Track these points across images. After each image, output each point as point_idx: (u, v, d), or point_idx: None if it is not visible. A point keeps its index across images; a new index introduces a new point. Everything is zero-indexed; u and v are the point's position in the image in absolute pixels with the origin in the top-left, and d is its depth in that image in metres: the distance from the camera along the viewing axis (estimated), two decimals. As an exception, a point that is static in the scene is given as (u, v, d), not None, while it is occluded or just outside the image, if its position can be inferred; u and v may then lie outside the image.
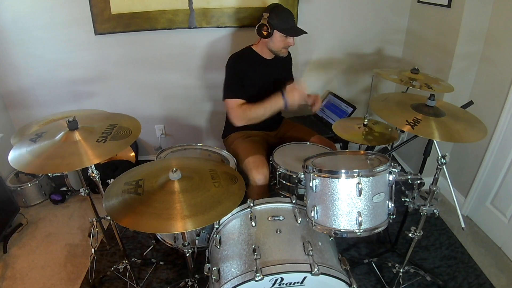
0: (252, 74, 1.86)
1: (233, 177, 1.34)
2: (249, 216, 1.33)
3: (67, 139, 1.28)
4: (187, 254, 1.36)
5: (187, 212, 1.11)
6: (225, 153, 1.88)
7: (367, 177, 1.15)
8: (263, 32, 1.76)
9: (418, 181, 1.29)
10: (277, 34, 1.76)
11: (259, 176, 1.67)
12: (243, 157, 1.77)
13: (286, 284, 1.13)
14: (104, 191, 1.29)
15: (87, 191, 1.66)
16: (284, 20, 1.74)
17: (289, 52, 2.05)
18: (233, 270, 1.16)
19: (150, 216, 1.10)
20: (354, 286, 1.16)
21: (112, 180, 1.35)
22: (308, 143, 1.89)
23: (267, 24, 1.73)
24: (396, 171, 1.22)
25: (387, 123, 1.63)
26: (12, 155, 1.26)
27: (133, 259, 1.78)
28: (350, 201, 1.16)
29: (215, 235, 1.36)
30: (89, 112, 1.90)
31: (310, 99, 1.88)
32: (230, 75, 1.85)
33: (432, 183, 1.31)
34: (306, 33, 1.80)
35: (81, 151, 1.24)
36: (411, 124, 1.29)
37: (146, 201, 1.16)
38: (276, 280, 1.11)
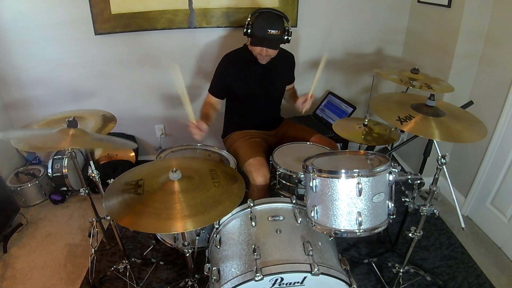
0: (243, 74, 1.88)
1: (233, 177, 1.34)
2: (249, 216, 1.33)
3: (62, 131, 1.29)
4: (187, 254, 1.36)
5: (187, 212, 1.11)
6: (225, 153, 1.88)
7: (367, 177, 1.15)
8: (244, 34, 1.77)
9: (418, 181, 1.29)
10: (250, 40, 1.77)
11: (259, 178, 1.68)
12: (244, 159, 1.77)
13: (286, 284, 1.13)
14: (104, 191, 1.29)
15: (87, 191, 1.66)
16: (258, 28, 1.71)
17: (292, 55, 2.05)
18: (233, 270, 1.16)
19: (150, 216, 1.10)
20: (354, 286, 1.16)
21: (112, 180, 1.35)
22: (308, 143, 1.89)
23: (246, 27, 1.74)
24: (396, 171, 1.22)
25: (383, 120, 1.62)
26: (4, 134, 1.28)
27: (133, 259, 1.78)
28: (350, 201, 1.16)
29: (215, 235, 1.36)
30: (88, 112, 1.90)
31: (300, 100, 1.85)
32: (218, 73, 1.92)
33: (432, 183, 1.31)
34: (274, 48, 1.74)
35: (69, 138, 1.25)
36: (402, 120, 1.30)
37: (146, 201, 1.16)
38: (276, 280, 1.11)
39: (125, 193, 1.21)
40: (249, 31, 1.74)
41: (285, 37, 1.78)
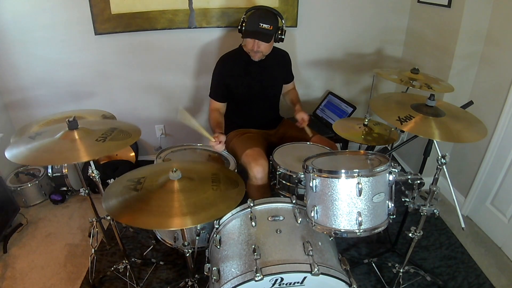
0: (238, 74, 1.89)
1: (235, 182, 1.36)
2: (249, 216, 1.33)
3: (66, 137, 1.29)
4: (187, 254, 1.36)
5: (179, 211, 1.13)
6: (225, 153, 1.88)
7: (367, 177, 1.15)
8: (239, 32, 1.80)
9: (418, 181, 1.29)
10: (242, 34, 1.79)
11: (258, 167, 1.66)
12: (241, 151, 1.76)
13: (286, 284, 1.13)
14: (104, 191, 1.29)
15: (87, 191, 1.66)
16: (250, 22, 1.72)
17: (286, 53, 2.05)
18: (233, 270, 1.16)
19: (148, 213, 1.12)
20: (354, 286, 1.16)
21: (112, 180, 1.35)
22: (308, 143, 1.89)
23: (240, 25, 1.77)
24: (396, 171, 1.22)
25: (383, 120, 1.63)
26: (10, 149, 1.25)
27: (133, 259, 1.78)
28: (350, 201, 1.16)
29: (215, 235, 1.36)
30: (88, 112, 1.90)
31: (301, 117, 1.93)
32: (215, 76, 1.94)
33: (432, 183, 1.31)
34: (265, 41, 1.73)
35: (79, 147, 1.24)
36: (402, 120, 1.30)
37: (145, 199, 1.18)
38: (276, 280, 1.11)
39: (125, 189, 1.22)
40: (243, 28, 1.75)
41: (279, 35, 1.79)
